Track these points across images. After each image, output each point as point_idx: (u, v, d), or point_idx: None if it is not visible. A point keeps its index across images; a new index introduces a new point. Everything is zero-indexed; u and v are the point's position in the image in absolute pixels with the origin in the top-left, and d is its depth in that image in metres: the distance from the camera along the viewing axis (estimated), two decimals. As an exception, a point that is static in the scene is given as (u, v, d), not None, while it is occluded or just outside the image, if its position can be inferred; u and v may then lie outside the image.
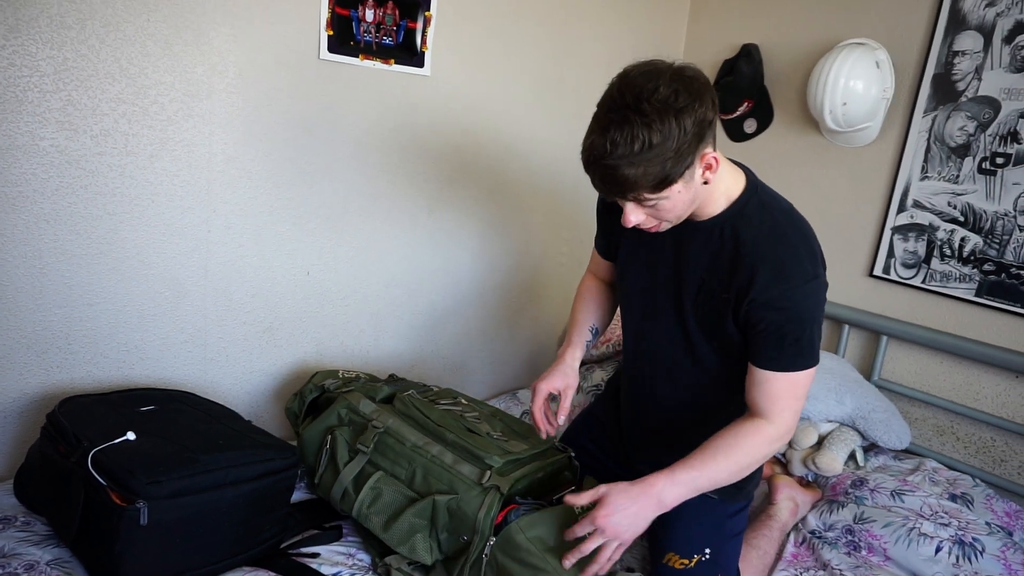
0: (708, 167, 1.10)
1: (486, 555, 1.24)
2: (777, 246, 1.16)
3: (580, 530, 1.16)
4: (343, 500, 1.41)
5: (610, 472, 1.47)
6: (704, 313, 1.25)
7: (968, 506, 1.63)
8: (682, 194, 1.09)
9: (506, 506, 1.30)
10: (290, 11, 1.60)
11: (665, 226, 1.18)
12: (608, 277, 1.54)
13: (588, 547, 1.16)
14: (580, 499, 1.19)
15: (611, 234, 1.41)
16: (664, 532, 1.39)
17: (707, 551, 1.37)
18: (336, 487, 1.41)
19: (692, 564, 1.36)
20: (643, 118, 1.01)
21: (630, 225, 1.13)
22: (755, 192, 1.22)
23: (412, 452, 1.39)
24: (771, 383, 1.20)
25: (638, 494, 1.16)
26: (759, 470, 1.46)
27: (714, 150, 1.10)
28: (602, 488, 1.18)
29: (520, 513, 1.27)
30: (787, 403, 1.21)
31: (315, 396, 1.61)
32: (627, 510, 1.15)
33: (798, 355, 1.19)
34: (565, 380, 1.41)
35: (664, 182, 1.05)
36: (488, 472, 1.33)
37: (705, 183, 1.12)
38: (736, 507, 1.43)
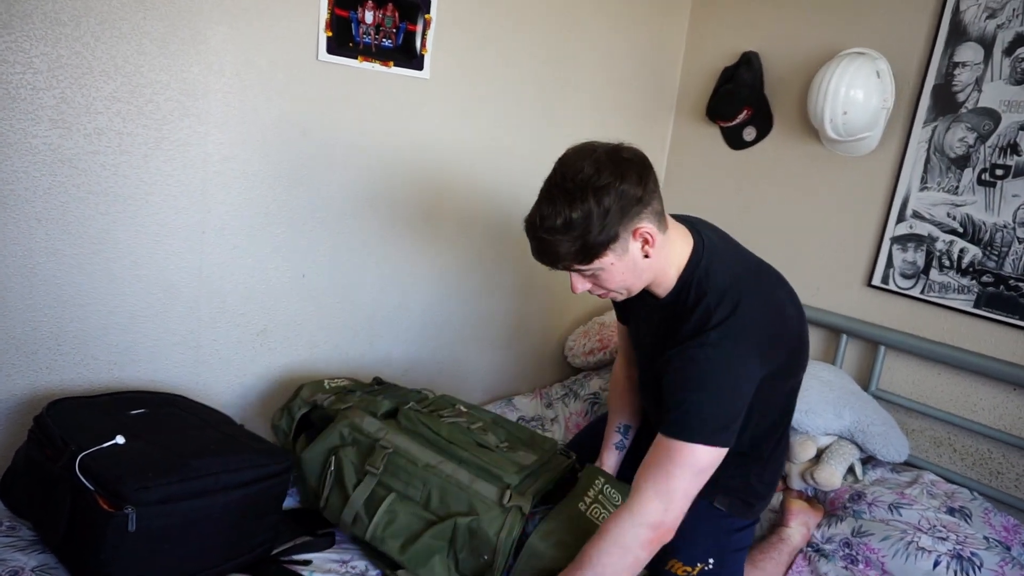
0: (645, 241, 1.15)
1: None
2: (697, 314, 1.18)
3: None
4: (355, 524, 1.36)
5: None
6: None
7: (966, 520, 1.62)
8: (616, 266, 1.15)
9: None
10: (289, 11, 1.58)
11: (616, 295, 1.24)
12: (630, 347, 1.55)
13: None
14: None
15: (623, 309, 1.50)
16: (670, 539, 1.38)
17: (710, 561, 1.36)
18: (347, 511, 1.37)
19: (694, 572, 1.35)
20: (566, 196, 1.10)
21: (576, 292, 1.21)
22: (699, 261, 1.23)
23: (425, 472, 1.36)
24: (656, 447, 1.16)
25: None
26: (769, 489, 1.46)
27: (655, 225, 1.14)
28: None
29: (536, 523, 1.28)
30: (657, 480, 1.13)
31: (305, 411, 1.57)
32: None
33: (682, 421, 1.13)
34: None
35: (588, 255, 1.12)
36: (508, 491, 1.31)
37: (646, 256, 1.16)
38: (744, 522, 1.43)
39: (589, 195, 1.08)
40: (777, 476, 1.50)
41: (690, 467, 1.14)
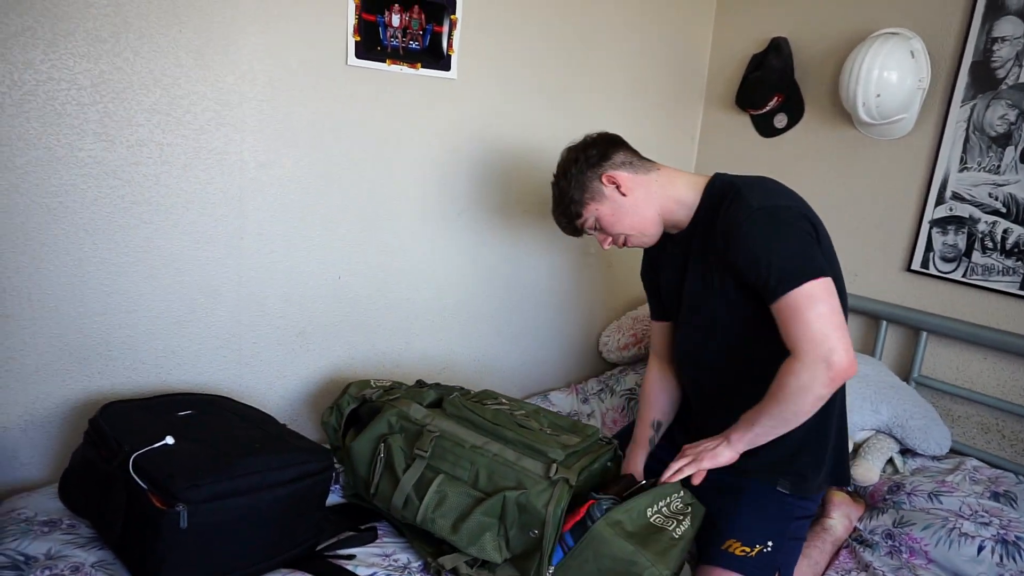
0: (613, 183, 1.41)
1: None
2: (729, 202, 1.31)
3: (676, 465, 1.37)
4: (406, 507, 1.39)
5: (657, 460, 1.55)
6: (711, 289, 1.38)
7: (1012, 504, 1.59)
8: (603, 211, 1.43)
9: (582, 501, 1.31)
10: (317, 18, 1.61)
11: (636, 239, 1.46)
12: (664, 344, 1.64)
13: (678, 465, 1.37)
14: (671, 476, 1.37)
15: (656, 289, 1.60)
16: (728, 520, 1.39)
17: (769, 543, 1.36)
18: (397, 495, 1.39)
19: (753, 553, 1.34)
20: (555, 184, 1.49)
21: (604, 248, 1.50)
22: (718, 183, 1.39)
23: (472, 453, 1.38)
24: (781, 313, 1.25)
25: (712, 436, 1.38)
26: (827, 469, 1.47)
27: (624, 172, 1.41)
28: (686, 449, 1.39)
29: (604, 508, 1.28)
30: (803, 328, 1.22)
31: (354, 407, 1.61)
32: (706, 444, 1.37)
33: (783, 275, 1.23)
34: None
35: (577, 212, 1.45)
36: (554, 465, 1.33)
37: (624, 195, 1.41)
38: (802, 510, 1.44)
39: (570, 170, 1.43)
40: (831, 447, 1.48)
41: (818, 303, 1.22)
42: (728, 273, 1.33)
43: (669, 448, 1.56)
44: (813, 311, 1.22)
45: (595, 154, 1.42)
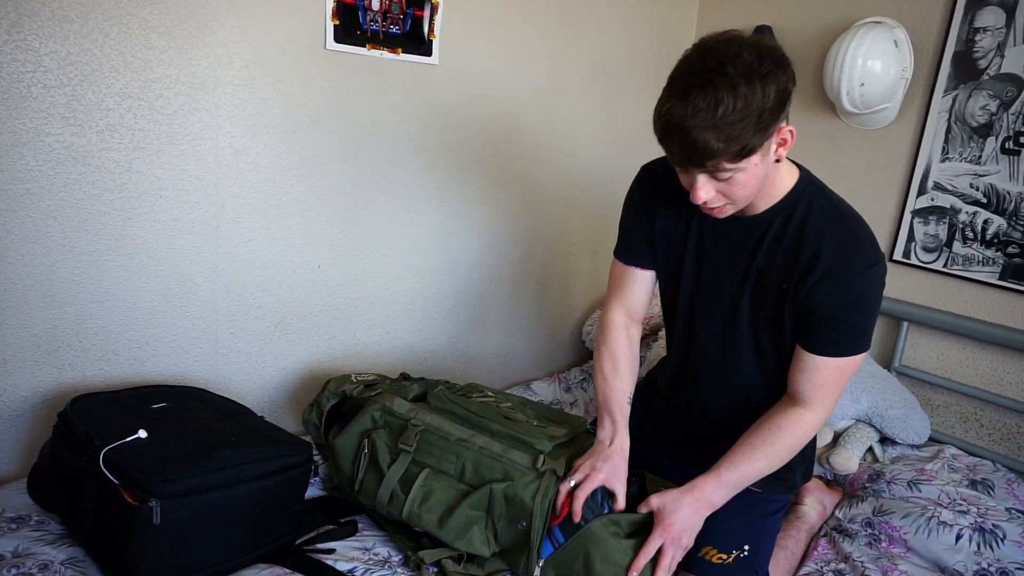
0: (783, 142, 1.09)
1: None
2: (840, 231, 1.15)
3: (651, 546, 1.21)
4: (391, 503, 1.36)
5: (639, 459, 1.44)
6: (763, 305, 1.23)
7: (989, 492, 1.61)
8: (758, 167, 1.07)
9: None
10: (295, 1, 1.57)
11: (729, 209, 1.15)
12: (634, 296, 1.41)
13: (651, 548, 1.20)
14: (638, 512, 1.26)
15: (641, 237, 1.35)
16: (705, 526, 1.35)
17: (746, 548, 1.35)
18: (382, 491, 1.37)
19: (730, 560, 1.33)
20: (727, 80, 0.97)
21: (699, 201, 1.09)
22: (811, 181, 1.22)
23: (458, 446, 1.36)
24: (821, 370, 1.20)
25: (691, 500, 1.23)
26: (803, 463, 1.45)
27: (788, 124, 1.08)
28: (654, 501, 1.24)
29: (598, 502, 1.27)
30: (831, 389, 1.22)
31: (334, 403, 1.58)
32: (683, 513, 1.22)
33: (852, 341, 1.18)
34: (617, 475, 1.29)
35: (745, 150, 1.01)
36: (541, 456, 1.32)
37: (777, 160, 1.11)
38: (776, 505, 1.42)
39: (756, 82, 0.97)
40: (808, 445, 1.45)
41: (850, 373, 1.22)
42: (789, 303, 1.18)
43: (636, 445, 1.50)
44: (843, 381, 1.22)
45: (788, 90, 1.03)
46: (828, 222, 1.16)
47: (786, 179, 1.20)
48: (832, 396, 1.23)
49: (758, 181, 1.10)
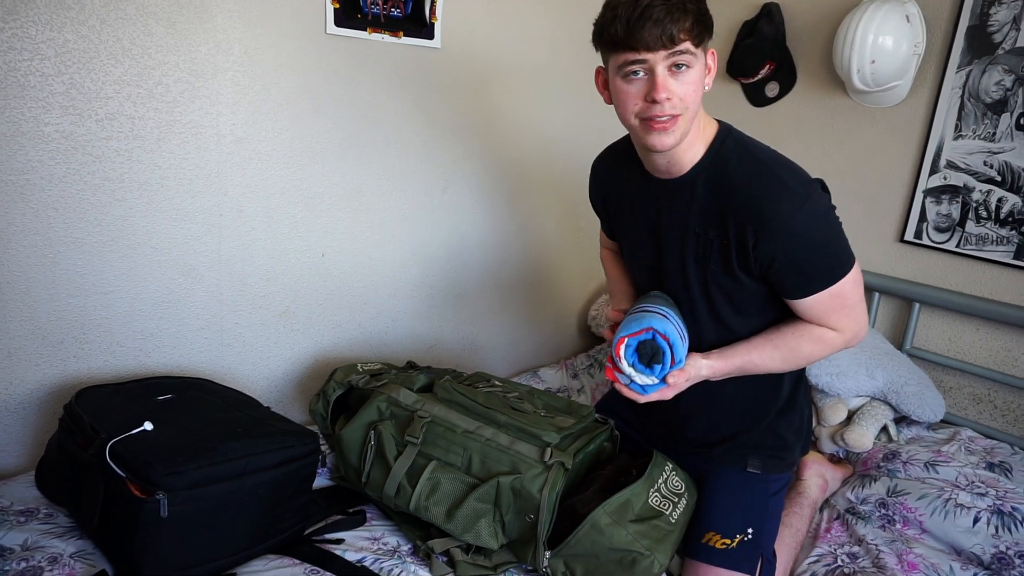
0: (709, 68, 1.16)
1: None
2: (762, 179, 1.16)
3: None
4: (398, 495, 1.35)
5: (640, 447, 1.47)
6: (708, 266, 1.24)
7: (1007, 474, 1.58)
8: (699, 73, 1.12)
9: (569, 482, 1.30)
10: (294, -16, 1.55)
11: (678, 129, 1.13)
12: (627, 266, 1.53)
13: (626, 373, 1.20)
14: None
15: (608, 219, 1.48)
16: (705, 511, 1.36)
17: (749, 531, 1.33)
18: (389, 483, 1.36)
19: (734, 544, 1.32)
20: None
21: (661, 95, 1.09)
22: (729, 132, 1.23)
23: (465, 438, 1.35)
24: (817, 306, 1.21)
25: (697, 377, 1.26)
26: (800, 440, 1.44)
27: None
28: (687, 363, 1.23)
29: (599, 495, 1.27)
30: (842, 313, 1.22)
31: (341, 393, 1.57)
32: (684, 385, 1.24)
33: (829, 270, 1.18)
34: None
35: (704, 32, 1.10)
36: (548, 448, 1.30)
37: (706, 87, 1.16)
38: (777, 484, 1.41)
39: None
40: (805, 421, 1.47)
41: (852, 290, 1.22)
42: (739, 263, 1.20)
43: (624, 428, 1.53)
44: (851, 300, 1.22)
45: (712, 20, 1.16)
46: (750, 172, 1.17)
47: (707, 130, 1.22)
48: (847, 317, 1.23)
49: (698, 95, 1.13)
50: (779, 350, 1.26)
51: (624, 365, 1.18)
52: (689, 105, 1.12)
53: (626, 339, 1.18)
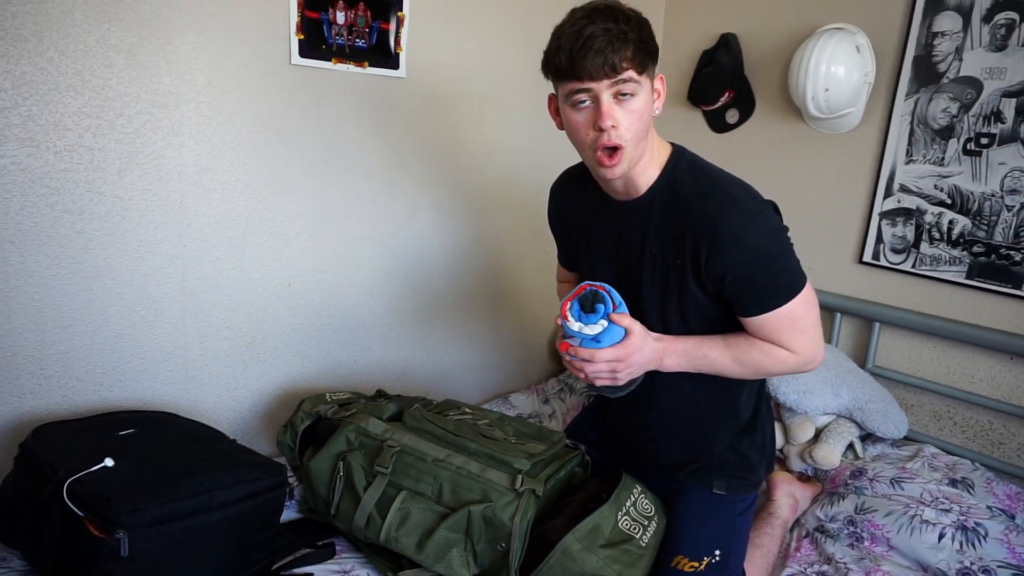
0: (657, 93, 1.19)
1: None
2: (713, 197, 1.18)
3: (603, 355, 1.19)
4: (368, 527, 1.33)
5: (609, 471, 1.47)
6: (667, 286, 1.25)
7: (969, 490, 1.62)
8: (645, 101, 1.14)
9: (541, 509, 1.29)
10: (258, 15, 1.55)
11: (624, 160, 1.16)
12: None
13: (603, 356, 1.19)
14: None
15: (568, 244, 1.47)
16: (673, 534, 1.36)
17: (717, 552, 1.34)
18: (359, 515, 1.34)
19: (702, 567, 1.33)
20: (623, 7, 1.14)
21: (607, 123, 1.12)
22: (682, 154, 1.26)
23: (435, 467, 1.34)
24: (768, 324, 1.21)
25: (655, 347, 1.23)
26: (764, 460, 1.45)
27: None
28: (626, 321, 1.20)
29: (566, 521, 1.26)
30: (793, 334, 1.22)
31: (309, 424, 1.54)
32: (643, 353, 1.21)
33: (779, 289, 1.19)
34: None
35: (647, 60, 1.13)
36: (519, 476, 1.30)
37: (655, 112, 1.19)
38: (744, 504, 1.42)
39: (638, 13, 1.14)
40: (768, 440, 1.48)
41: (805, 312, 1.22)
42: (694, 282, 1.21)
43: (592, 453, 1.53)
44: (808, 319, 1.23)
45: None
46: (703, 190, 1.19)
47: (661, 152, 1.25)
48: (800, 340, 1.23)
49: (644, 124, 1.15)
50: (731, 349, 1.25)
51: (572, 323, 1.19)
52: (632, 136, 1.15)
53: (568, 301, 1.21)
